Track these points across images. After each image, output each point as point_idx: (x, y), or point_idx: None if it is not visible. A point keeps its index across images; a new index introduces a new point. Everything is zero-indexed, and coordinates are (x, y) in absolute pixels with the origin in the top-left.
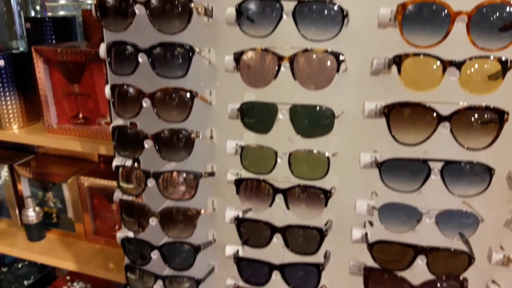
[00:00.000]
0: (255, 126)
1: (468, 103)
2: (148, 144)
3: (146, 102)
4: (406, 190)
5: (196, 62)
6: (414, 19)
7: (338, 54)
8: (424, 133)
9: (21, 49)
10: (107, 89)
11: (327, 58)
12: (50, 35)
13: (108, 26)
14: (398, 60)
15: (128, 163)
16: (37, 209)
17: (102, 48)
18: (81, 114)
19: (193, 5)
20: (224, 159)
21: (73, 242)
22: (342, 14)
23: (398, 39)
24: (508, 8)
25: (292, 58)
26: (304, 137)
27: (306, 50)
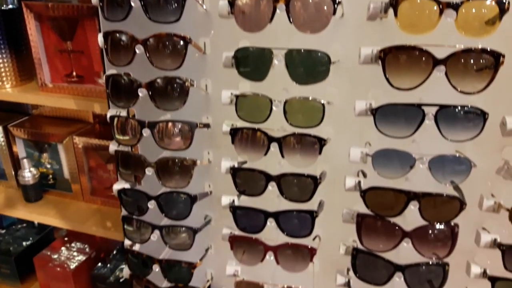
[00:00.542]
0: (250, 74)
1: (464, 46)
2: (142, 92)
3: (139, 49)
4: (400, 136)
5: (189, 10)
6: None
7: None
8: (419, 77)
9: (10, 6)
10: (100, 36)
11: (324, 0)
12: None
13: None
14: (395, 2)
15: (123, 114)
16: (33, 169)
17: None
18: (74, 72)
19: None
20: (219, 111)
21: (70, 202)
22: None
23: None
24: None
25: (288, 0)
26: (299, 83)
27: None
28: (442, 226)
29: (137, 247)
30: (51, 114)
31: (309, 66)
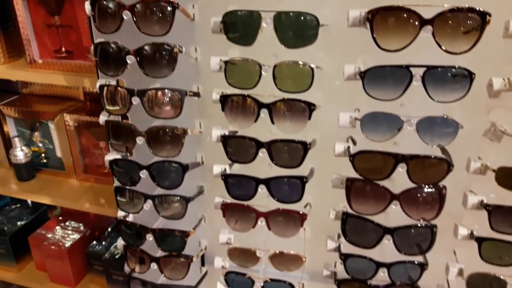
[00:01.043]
0: (239, 38)
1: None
2: (130, 60)
3: (126, 15)
4: (388, 98)
5: None
6: None
7: None
8: (407, 38)
9: None
10: (87, 4)
11: None
12: None
13: None
14: None
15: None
16: (25, 148)
17: None
18: (63, 48)
19: None
20: (209, 79)
21: (63, 180)
22: None
23: None
24: None
25: None
26: (288, 47)
27: None
28: (430, 189)
29: (130, 218)
30: (41, 93)
31: (297, 29)
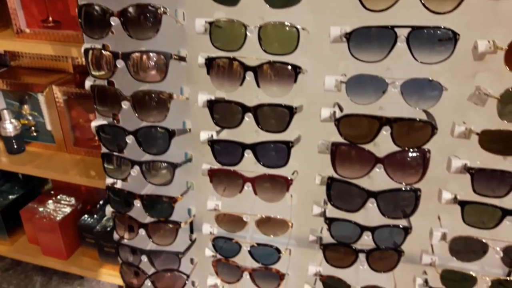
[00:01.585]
0: None
1: None
2: (114, 22)
3: None
4: (374, 59)
5: None
6: None
7: None
8: None
9: None
10: None
11: None
12: None
13: None
14: None
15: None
16: (14, 121)
17: None
18: (51, 18)
19: None
20: (195, 44)
21: (53, 153)
22: None
23: None
24: None
25: None
26: (273, 7)
27: None
28: (414, 152)
29: (119, 185)
30: (30, 65)
31: None
